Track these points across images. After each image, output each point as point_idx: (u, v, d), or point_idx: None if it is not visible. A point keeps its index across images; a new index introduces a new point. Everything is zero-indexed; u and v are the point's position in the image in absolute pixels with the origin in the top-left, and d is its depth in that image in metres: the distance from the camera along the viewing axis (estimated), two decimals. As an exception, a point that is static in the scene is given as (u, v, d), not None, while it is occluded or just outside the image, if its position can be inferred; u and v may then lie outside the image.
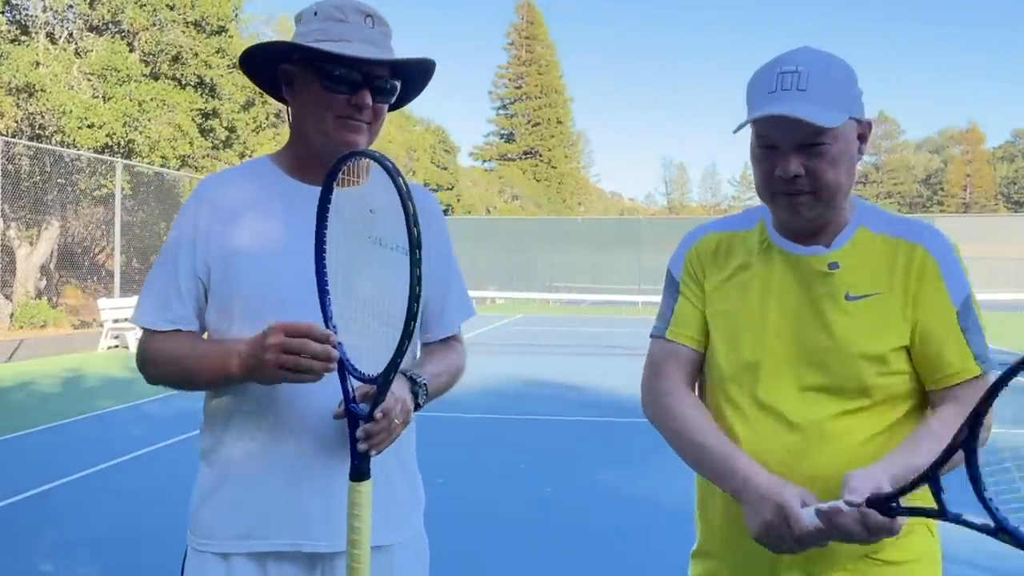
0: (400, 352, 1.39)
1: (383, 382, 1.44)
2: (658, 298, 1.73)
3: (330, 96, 1.57)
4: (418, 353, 1.79)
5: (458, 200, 46.61)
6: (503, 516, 5.15)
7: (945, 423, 1.34)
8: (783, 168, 1.41)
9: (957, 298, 1.44)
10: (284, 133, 20.57)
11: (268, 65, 1.67)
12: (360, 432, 1.47)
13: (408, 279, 1.70)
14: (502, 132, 67.90)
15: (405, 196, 1.35)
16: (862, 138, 1.47)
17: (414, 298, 1.36)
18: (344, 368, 1.48)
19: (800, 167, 1.40)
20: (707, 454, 1.47)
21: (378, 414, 1.46)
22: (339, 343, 1.47)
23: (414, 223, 1.35)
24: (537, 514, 5.16)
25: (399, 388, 1.53)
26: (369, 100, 1.59)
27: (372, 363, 1.45)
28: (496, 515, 5.17)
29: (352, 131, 1.60)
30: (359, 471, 1.48)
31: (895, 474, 1.27)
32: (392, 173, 1.36)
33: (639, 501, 5.40)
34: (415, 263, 1.36)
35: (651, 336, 1.66)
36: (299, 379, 1.45)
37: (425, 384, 1.60)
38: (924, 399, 1.51)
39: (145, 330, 1.65)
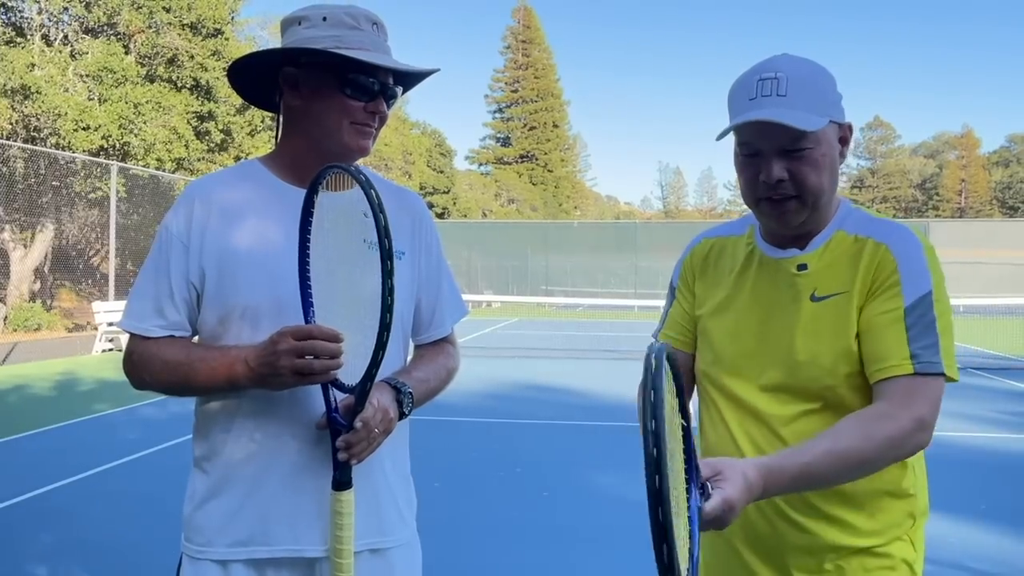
0: (376, 362, 1.41)
1: (359, 392, 1.45)
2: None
3: (349, 103, 1.59)
4: (409, 356, 1.79)
5: (454, 203, 46.61)
6: (500, 520, 5.14)
7: (854, 423, 1.34)
8: (767, 173, 1.43)
9: (911, 295, 1.41)
10: (280, 136, 20.44)
11: (264, 69, 1.66)
12: (340, 442, 1.48)
13: (409, 282, 1.72)
14: (498, 136, 67.94)
15: (377, 208, 1.37)
16: (843, 141, 1.49)
17: (386, 308, 1.38)
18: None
19: (784, 171, 1.42)
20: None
21: (357, 423, 1.47)
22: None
23: (385, 234, 1.37)
24: (533, 518, 5.15)
25: (382, 397, 1.53)
26: (385, 108, 1.63)
27: (357, 370, 1.46)
28: (493, 519, 5.17)
29: (365, 136, 1.62)
30: (340, 481, 1.50)
31: (771, 465, 1.25)
32: (365, 186, 1.39)
33: (636, 505, 5.37)
34: (387, 274, 1.37)
35: (653, 336, 1.75)
36: (311, 381, 1.47)
37: (410, 392, 1.60)
38: None
39: (133, 335, 1.63)
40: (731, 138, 1.49)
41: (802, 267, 1.50)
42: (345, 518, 1.50)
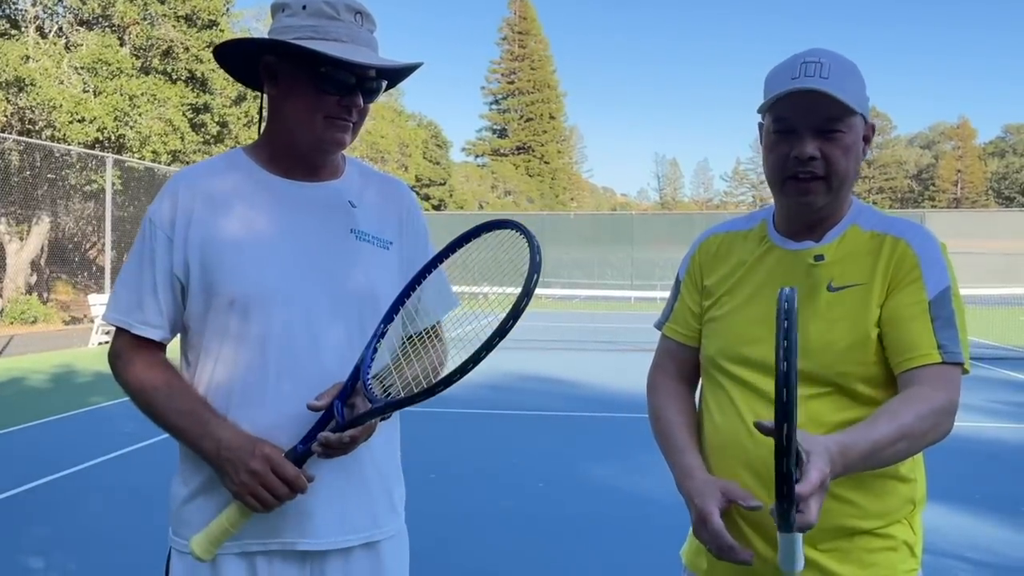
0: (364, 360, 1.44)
1: (350, 382, 1.47)
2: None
3: (323, 97, 1.54)
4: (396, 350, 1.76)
5: (451, 195, 46.54)
6: (495, 511, 5.15)
7: (903, 401, 1.39)
8: (799, 149, 1.48)
9: (933, 290, 1.47)
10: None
11: (248, 56, 1.63)
12: (320, 437, 1.46)
13: (397, 272, 1.70)
14: (495, 127, 67.76)
15: None
16: (867, 140, 1.55)
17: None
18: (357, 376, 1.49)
19: (816, 150, 1.47)
20: (665, 445, 1.63)
21: (346, 437, 1.46)
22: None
23: None
24: (529, 509, 5.16)
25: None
26: (361, 102, 1.58)
27: (347, 362, 1.49)
28: (488, 510, 5.18)
29: (340, 130, 1.58)
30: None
31: (846, 442, 1.28)
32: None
33: (632, 496, 5.41)
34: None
35: (655, 326, 1.82)
36: (252, 505, 1.48)
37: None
38: (895, 389, 1.53)
39: (118, 330, 1.61)
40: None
41: (819, 258, 1.54)
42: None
